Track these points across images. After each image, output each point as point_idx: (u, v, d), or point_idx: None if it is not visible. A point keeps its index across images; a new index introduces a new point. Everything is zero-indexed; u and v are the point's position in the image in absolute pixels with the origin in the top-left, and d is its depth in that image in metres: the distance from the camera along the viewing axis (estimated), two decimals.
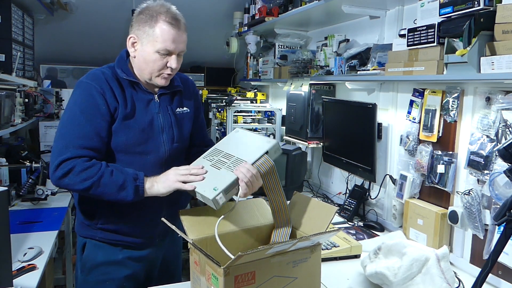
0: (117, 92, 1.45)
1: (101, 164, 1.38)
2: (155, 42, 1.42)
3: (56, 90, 3.14)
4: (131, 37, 1.48)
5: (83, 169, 1.35)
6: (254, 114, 3.52)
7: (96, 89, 1.42)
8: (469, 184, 1.64)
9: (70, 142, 1.37)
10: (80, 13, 3.42)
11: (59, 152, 1.36)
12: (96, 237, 1.54)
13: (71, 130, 1.40)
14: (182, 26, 1.46)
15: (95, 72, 1.48)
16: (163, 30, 1.42)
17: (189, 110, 1.64)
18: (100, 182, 1.35)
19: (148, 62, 1.45)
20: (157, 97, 1.54)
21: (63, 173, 1.34)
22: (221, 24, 3.82)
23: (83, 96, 1.43)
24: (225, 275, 1.08)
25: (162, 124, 1.53)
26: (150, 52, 1.44)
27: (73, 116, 1.41)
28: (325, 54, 2.64)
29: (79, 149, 1.37)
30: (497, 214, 1.07)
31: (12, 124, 2.30)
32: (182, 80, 1.65)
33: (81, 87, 1.45)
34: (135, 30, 1.47)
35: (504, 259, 1.46)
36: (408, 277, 1.37)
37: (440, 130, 1.82)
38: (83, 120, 1.39)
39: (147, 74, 1.48)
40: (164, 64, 1.46)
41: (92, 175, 1.35)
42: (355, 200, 2.33)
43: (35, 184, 2.46)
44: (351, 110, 2.34)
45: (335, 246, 1.77)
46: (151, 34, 1.43)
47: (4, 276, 1.29)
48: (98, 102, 1.41)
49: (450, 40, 1.55)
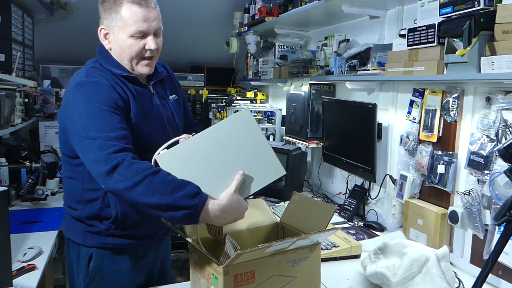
0: (126, 90, 1.38)
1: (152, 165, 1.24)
2: (126, 27, 1.34)
3: (56, 90, 3.14)
4: (101, 29, 1.40)
5: (132, 163, 1.19)
6: (254, 114, 3.52)
7: (105, 85, 1.33)
8: (469, 184, 1.64)
9: (105, 137, 1.23)
10: (80, 13, 3.41)
11: (99, 149, 1.21)
12: (107, 245, 1.43)
13: (99, 127, 1.25)
14: (150, 2, 1.36)
15: (88, 71, 1.38)
16: (130, 11, 1.33)
17: (177, 97, 1.59)
18: (155, 177, 1.17)
19: (125, 50, 1.37)
20: (151, 88, 1.48)
21: (111, 167, 1.18)
22: (221, 24, 3.82)
23: (93, 93, 1.30)
24: (224, 274, 1.08)
25: (166, 115, 1.48)
26: (124, 38, 1.36)
27: (94, 115, 1.27)
28: (325, 54, 2.63)
29: (119, 141, 1.23)
30: (497, 214, 1.07)
31: (12, 124, 2.30)
32: (161, 67, 1.57)
33: (86, 86, 1.32)
34: (103, 20, 1.39)
35: (504, 259, 1.46)
36: (408, 277, 1.37)
37: (440, 130, 1.82)
38: (107, 115, 1.27)
39: (127, 63, 1.40)
40: (142, 47, 1.37)
41: (146, 168, 1.19)
42: (355, 200, 2.33)
43: (35, 184, 2.46)
44: (351, 110, 2.34)
45: (335, 246, 1.77)
46: (119, 19, 1.34)
47: (4, 276, 1.29)
48: (113, 96, 1.32)
49: (450, 40, 1.55)
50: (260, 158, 1.28)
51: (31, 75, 2.82)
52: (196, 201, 1.16)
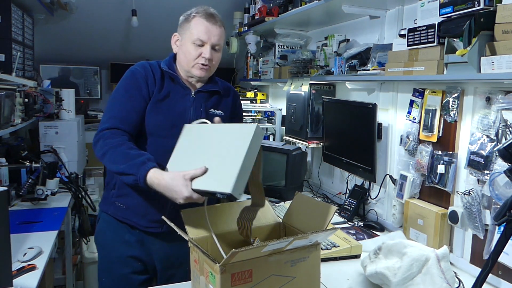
0: (157, 79, 1.62)
1: (126, 139, 1.51)
2: (191, 34, 1.58)
3: (56, 90, 3.14)
4: (174, 35, 1.66)
5: (111, 135, 1.50)
6: (254, 114, 3.52)
7: (141, 74, 1.60)
8: (469, 184, 1.64)
9: (111, 115, 1.56)
10: (80, 13, 3.42)
11: (101, 124, 1.55)
12: (109, 211, 1.67)
13: (114, 105, 1.59)
14: (216, 21, 1.60)
15: (143, 62, 1.67)
16: (196, 22, 1.58)
17: (223, 114, 1.71)
18: (116, 150, 1.47)
19: (185, 53, 1.60)
20: (193, 93, 1.66)
21: (96, 140, 1.52)
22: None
23: (128, 78, 1.61)
24: (221, 272, 1.08)
25: (191, 118, 1.63)
26: (187, 43, 1.59)
27: (118, 95, 1.60)
28: (325, 54, 2.63)
29: (117, 120, 1.54)
30: (497, 214, 1.07)
31: (12, 124, 2.29)
32: (223, 86, 1.76)
33: (128, 72, 1.63)
34: (178, 29, 1.65)
35: (504, 259, 1.46)
36: (408, 277, 1.37)
37: (440, 130, 1.82)
38: (126, 98, 1.58)
39: (186, 65, 1.62)
40: (199, 54, 1.59)
41: (112, 143, 1.48)
42: (355, 200, 2.33)
43: (35, 184, 2.45)
44: (351, 110, 2.34)
45: (335, 246, 1.77)
46: (187, 28, 1.60)
47: (4, 276, 1.29)
48: (140, 84, 1.59)
49: (450, 40, 1.55)
50: (225, 167, 1.27)
51: (31, 75, 2.82)
52: (140, 170, 1.40)
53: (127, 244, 1.66)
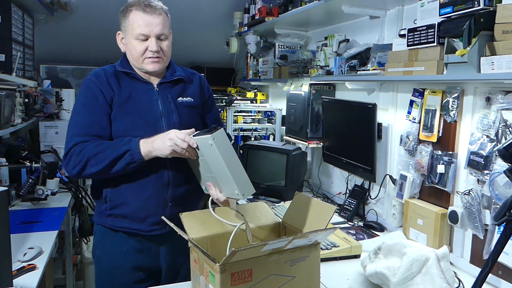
0: (113, 83, 1.57)
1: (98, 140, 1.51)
2: (132, 31, 1.54)
3: (56, 90, 3.14)
4: (118, 34, 1.63)
5: (82, 148, 1.48)
6: (254, 114, 3.52)
7: (94, 83, 1.57)
8: (469, 184, 1.64)
9: (74, 132, 1.52)
10: (80, 13, 3.42)
11: (66, 144, 1.52)
12: (106, 224, 1.62)
13: (75, 121, 1.55)
14: (155, 10, 1.54)
15: (97, 69, 1.63)
16: (134, 17, 1.53)
17: (193, 100, 1.69)
18: (100, 148, 1.46)
19: (132, 50, 1.57)
20: (156, 86, 1.63)
21: (68, 159, 1.49)
22: (221, 24, 3.82)
23: (84, 90, 1.58)
24: (221, 272, 1.08)
25: (161, 110, 1.60)
26: (131, 40, 1.56)
27: (76, 110, 1.57)
28: (325, 54, 2.63)
29: (80, 137, 1.50)
30: (497, 214, 1.07)
31: (12, 124, 2.29)
32: (187, 73, 1.73)
33: (83, 84, 1.60)
34: (120, 27, 1.61)
35: (504, 259, 1.46)
36: (408, 277, 1.37)
37: (440, 130, 1.82)
38: (84, 111, 1.55)
39: (136, 62, 1.59)
40: (145, 49, 1.55)
41: (91, 147, 1.47)
42: (355, 200, 2.33)
43: (35, 184, 2.46)
44: (351, 110, 2.34)
45: (335, 246, 1.77)
46: (127, 24, 1.56)
47: (4, 276, 1.29)
48: (96, 94, 1.55)
49: (450, 40, 1.55)
50: (221, 179, 1.45)
51: (31, 75, 2.82)
52: (131, 143, 1.45)
53: (127, 255, 1.62)
